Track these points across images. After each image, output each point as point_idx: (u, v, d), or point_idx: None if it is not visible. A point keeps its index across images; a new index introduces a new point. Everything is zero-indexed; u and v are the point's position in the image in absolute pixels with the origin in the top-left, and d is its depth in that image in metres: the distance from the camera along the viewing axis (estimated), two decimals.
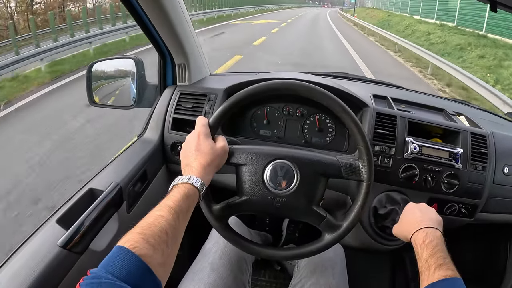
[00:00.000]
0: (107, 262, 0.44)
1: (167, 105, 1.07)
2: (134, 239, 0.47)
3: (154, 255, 0.47)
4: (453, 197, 0.95)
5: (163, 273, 0.48)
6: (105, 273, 0.42)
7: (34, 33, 8.47)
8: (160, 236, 0.49)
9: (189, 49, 1.06)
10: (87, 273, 0.43)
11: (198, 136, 0.68)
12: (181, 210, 0.56)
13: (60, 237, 0.67)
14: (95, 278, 0.41)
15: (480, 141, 0.97)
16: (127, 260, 0.44)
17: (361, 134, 0.71)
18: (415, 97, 1.18)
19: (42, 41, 8.31)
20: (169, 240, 0.50)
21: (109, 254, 0.46)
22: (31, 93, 5.25)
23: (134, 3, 0.88)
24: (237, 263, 0.87)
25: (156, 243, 0.48)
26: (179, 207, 0.55)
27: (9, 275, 0.61)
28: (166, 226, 0.51)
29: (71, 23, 8.67)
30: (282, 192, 0.70)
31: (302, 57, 7.96)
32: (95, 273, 0.43)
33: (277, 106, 1.07)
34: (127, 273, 0.43)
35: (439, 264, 0.59)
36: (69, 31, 8.36)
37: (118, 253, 0.45)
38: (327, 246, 0.73)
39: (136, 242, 0.46)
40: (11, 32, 8.40)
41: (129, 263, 0.44)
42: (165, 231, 0.50)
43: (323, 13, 34.44)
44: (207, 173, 0.65)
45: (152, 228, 0.49)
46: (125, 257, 0.44)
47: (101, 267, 0.44)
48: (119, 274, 0.42)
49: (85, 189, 0.81)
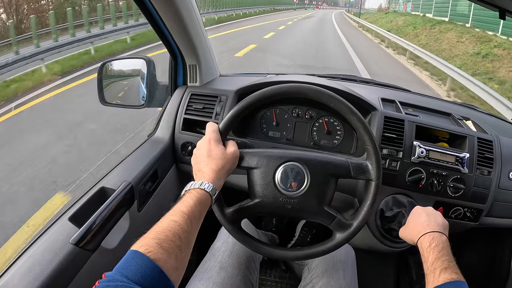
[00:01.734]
0: (121, 266, 0.45)
1: (178, 105, 1.08)
2: (148, 244, 0.48)
3: (168, 260, 0.48)
4: (459, 201, 0.96)
5: (176, 277, 0.50)
6: (120, 276, 0.43)
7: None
8: (174, 241, 0.50)
9: (200, 50, 1.08)
10: (102, 276, 0.44)
11: (209, 142, 0.70)
12: (194, 215, 0.57)
13: (73, 234, 0.68)
14: (110, 281, 0.42)
15: (486, 146, 0.98)
16: (141, 264, 0.45)
17: (368, 134, 0.73)
18: (423, 101, 1.19)
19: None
20: (182, 245, 0.52)
21: (123, 258, 0.47)
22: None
23: (147, 4, 0.89)
24: (245, 263, 0.89)
25: (169, 247, 0.49)
26: (192, 213, 0.57)
27: (22, 271, 0.62)
28: (180, 231, 0.52)
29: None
30: (293, 193, 0.71)
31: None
32: (111, 276, 0.44)
33: (286, 108, 1.08)
34: (142, 277, 0.44)
35: (445, 267, 0.60)
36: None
37: (132, 257, 0.46)
38: (338, 245, 0.74)
39: (150, 247, 0.47)
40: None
41: (144, 267, 0.45)
42: (179, 236, 0.52)
43: (327, 28, 17.26)
44: (218, 178, 0.66)
45: (166, 233, 0.51)
46: (140, 261, 0.45)
47: (116, 271, 0.45)
48: (133, 278, 0.43)
49: (97, 187, 0.82)
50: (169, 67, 1.13)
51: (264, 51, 8.18)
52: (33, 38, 7.88)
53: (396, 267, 1.43)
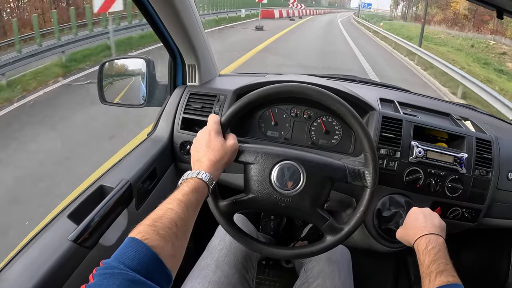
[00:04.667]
0: (119, 253, 0.46)
1: (177, 104, 1.09)
2: (145, 230, 0.48)
3: (165, 246, 0.48)
4: (457, 202, 0.96)
5: (173, 264, 0.50)
6: (117, 263, 0.44)
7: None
8: (170, 228, 0.51)
9: (199, 50, 1.08)
10: (100, 264, 0.44)
11: (209, 133, 0.70)
12: (190, 203, 0.57)
13: (71, 231, 0.68)
14: (107, 269, 0.43)
15: (484, 146, 0.98)
16: (138, 251, 0.45)
17: (368, 141, 0.73)
18: (422, 101, 1.19)
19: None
20: (178, 232, 0.52)
21: (121, 245, 0.47)
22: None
23: (146, 4, 0.90)
24: (242, 261, 0.89)
25: (166, 234, 0.49)
26: (189, 200, 0.57)
27: (20, 267, 0.62)
28: (176, 219, 0.53)
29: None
30: (288, 192, 0.72)
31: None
32: (108, 263, 0.44)
33: (284, 108, 1.08)
34: (139, 263, 0.44)
35: (441, 270, 0.60)
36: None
37: (129, 244, 0.46)
38: (327, 248, 0.75)
39: (147, 234, 0.48)
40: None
41: (141, 253, 0.45)
42: (175, 223, 0.52)
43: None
44: (216, 169, 0.67)
45: (162, 220, 0.51)
46: (137, 248, 0.46)
47: (114, 258, 0.45)
48: (131, 264, 0.44)
49: (96, 185, 0.83)
50: (168, 67, 1.14)
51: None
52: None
53: (395, 267, 1.43)
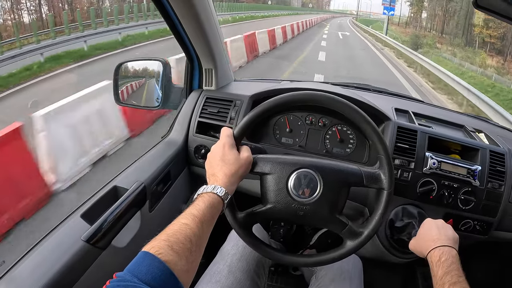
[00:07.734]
0: (132, 267, 0.46)
1: (193, 108, 1.10)
2: (159, 245, 0.49)
3: (179, 262, 0.49)
4: (469, 214, 0.96)
5: (187, 279, 0.50)
6: (130, 276, 0.44)
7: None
8: (185, 244, 0.51)
9: (217, 54, 1.09)
10: (113, 276, 0.44)
11: (223, 147, 0.71)
12: (205, 219, 0.58)
13: (84, 231, 0.68)
14: (121, 281, 0.43)
15: (498, 159, 0.98)
16: (152, 265, 0.46)
17: (382, 143, 0.73)
18: (436, 112, 1.19)
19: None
20: (193, 247, 0.52)
21: (134, 259, 0.47)
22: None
23: (168, 9, 0.90)
24: (254, 267, 0.89)
25: (180, 250, 0.50)
26: (204, 216, 0.57)
27: (33, 265, 0.63)
28: (191, 234, 0.53)
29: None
30: (306, 200, 0.72)
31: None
32: (121, 276, 0.44)
33: (300, 115, 1.08)
34: (152, 278, 0.45)
35: (453, 282, 0.60)
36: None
37: (143, 258, 0.47)
38: (349, 253, 0.74)
39: (161, 249, 0.48)
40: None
41: (154, 268, 0.46)
42: (189, 239, 0.52)
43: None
44: (231, 183, 0.67)
45: (177, 236, 0.51)
46: (150, 263, 0.46)
47: (127, 271, 0.45)
48: (144, 278, 0.44)
49: (110, 186, 0.83)
50: (185, 70, 1.15)
51: None
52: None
53: (403, 278, 1.42)
